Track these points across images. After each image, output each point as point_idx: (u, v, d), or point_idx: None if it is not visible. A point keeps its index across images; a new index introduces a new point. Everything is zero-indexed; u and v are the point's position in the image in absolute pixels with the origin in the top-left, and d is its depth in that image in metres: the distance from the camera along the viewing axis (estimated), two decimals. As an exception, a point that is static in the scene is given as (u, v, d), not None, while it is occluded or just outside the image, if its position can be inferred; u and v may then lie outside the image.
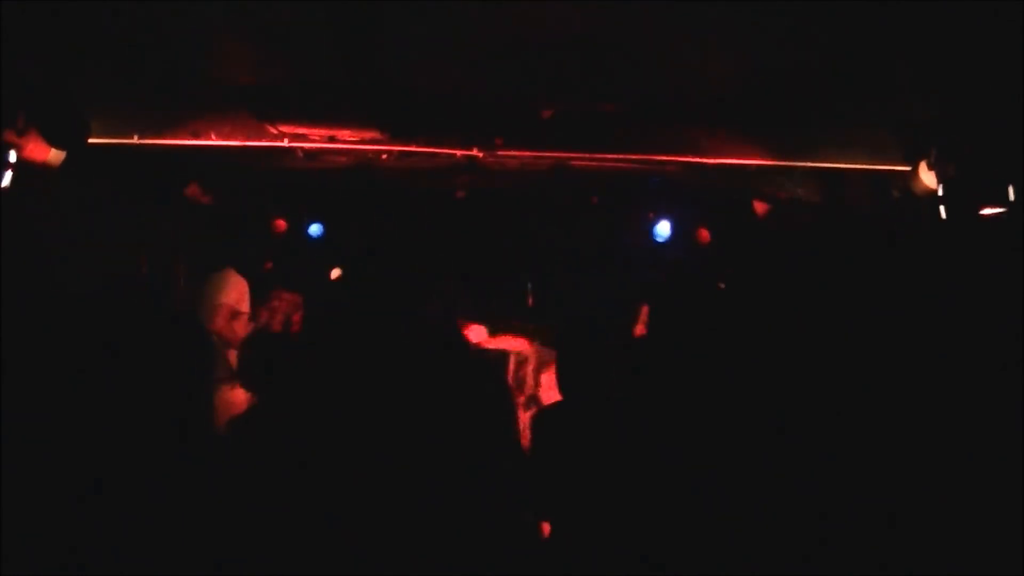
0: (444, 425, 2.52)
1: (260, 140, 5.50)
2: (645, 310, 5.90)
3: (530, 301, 8.30)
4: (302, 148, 5.64)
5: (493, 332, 5.82)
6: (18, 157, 4.41)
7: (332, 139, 5.54)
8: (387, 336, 2.77)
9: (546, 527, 3.26)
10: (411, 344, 2.77)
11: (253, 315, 6.69)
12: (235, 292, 6.53)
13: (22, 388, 1.71)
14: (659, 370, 2.72)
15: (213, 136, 5.39)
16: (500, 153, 5.78)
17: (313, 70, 4.22)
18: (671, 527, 2.41)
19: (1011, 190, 4.71)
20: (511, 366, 5.66)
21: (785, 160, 5.91)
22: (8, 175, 4.37)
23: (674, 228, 8.13)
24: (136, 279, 6.29)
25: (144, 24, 3.61)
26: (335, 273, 8.19)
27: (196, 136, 5.40)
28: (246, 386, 4.89)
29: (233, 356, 6.26)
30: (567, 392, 3.73)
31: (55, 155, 4.64)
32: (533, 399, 5.61)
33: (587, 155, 5.94)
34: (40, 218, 5.20)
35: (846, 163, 5.88)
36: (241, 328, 6.53)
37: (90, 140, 4.92)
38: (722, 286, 3.60)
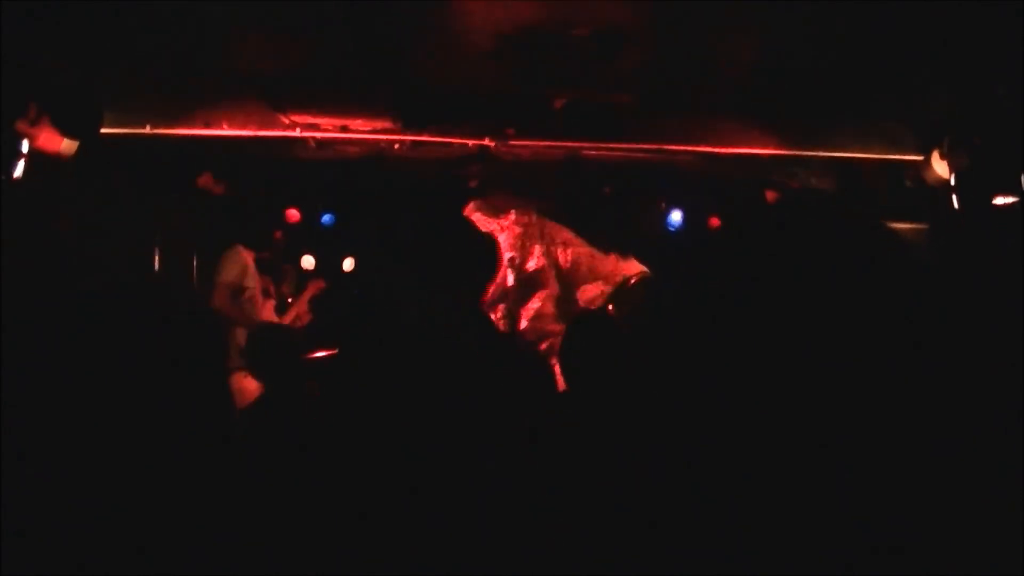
0: (451, 417, 2.52)
1: (272, 130, 5.51)
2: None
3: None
4: (314, 138, 5.65)
5: None
6: (30, 147, 4.42)
7: (344, 129, 5.54)
8: (397, 325, 2.77)
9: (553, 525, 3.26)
10: (421, 334, 2.77)
11: (264, 291, 6.68)
12: (236, 269, 6.42)
13: (29, 382, 1.72)
14: (668, 363, 2.71)
15: (226, 126, 5.40)
16: (512, 143, 5.77)
17: (326, 60, 4.22)
18: (680, 528, 2.40)
19: (1024, 179, 4.71)
20: None
21: (798, 150, 5.90)
22: (21, 165, 4.38)
23: (686, 218, 8.11)
24: (148, 269, 6.31)
25: (156, 14, 3.62)
26: (348, 264, 8.20)
27: (209, 126, 5.41)
28: (258, 374, 4.90)
29: (241, 335, 6.19)
30: (573, 384, 3.73)
31: (68, 145, 4.65)
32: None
33: (600, 145, 5.94)
34: (52, 208, 5.22)
35: (859, 153, 5.87)
36: (248, 305, 6.47)
37: (103, 130, 4.93)
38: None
